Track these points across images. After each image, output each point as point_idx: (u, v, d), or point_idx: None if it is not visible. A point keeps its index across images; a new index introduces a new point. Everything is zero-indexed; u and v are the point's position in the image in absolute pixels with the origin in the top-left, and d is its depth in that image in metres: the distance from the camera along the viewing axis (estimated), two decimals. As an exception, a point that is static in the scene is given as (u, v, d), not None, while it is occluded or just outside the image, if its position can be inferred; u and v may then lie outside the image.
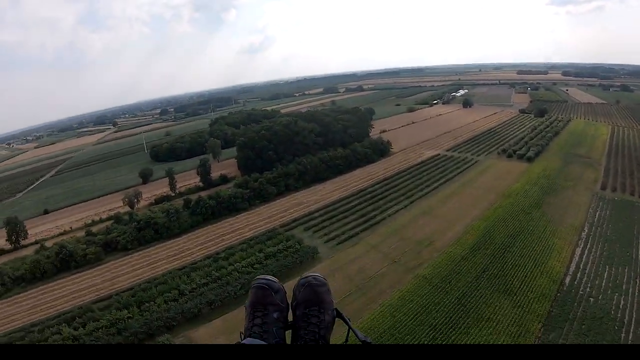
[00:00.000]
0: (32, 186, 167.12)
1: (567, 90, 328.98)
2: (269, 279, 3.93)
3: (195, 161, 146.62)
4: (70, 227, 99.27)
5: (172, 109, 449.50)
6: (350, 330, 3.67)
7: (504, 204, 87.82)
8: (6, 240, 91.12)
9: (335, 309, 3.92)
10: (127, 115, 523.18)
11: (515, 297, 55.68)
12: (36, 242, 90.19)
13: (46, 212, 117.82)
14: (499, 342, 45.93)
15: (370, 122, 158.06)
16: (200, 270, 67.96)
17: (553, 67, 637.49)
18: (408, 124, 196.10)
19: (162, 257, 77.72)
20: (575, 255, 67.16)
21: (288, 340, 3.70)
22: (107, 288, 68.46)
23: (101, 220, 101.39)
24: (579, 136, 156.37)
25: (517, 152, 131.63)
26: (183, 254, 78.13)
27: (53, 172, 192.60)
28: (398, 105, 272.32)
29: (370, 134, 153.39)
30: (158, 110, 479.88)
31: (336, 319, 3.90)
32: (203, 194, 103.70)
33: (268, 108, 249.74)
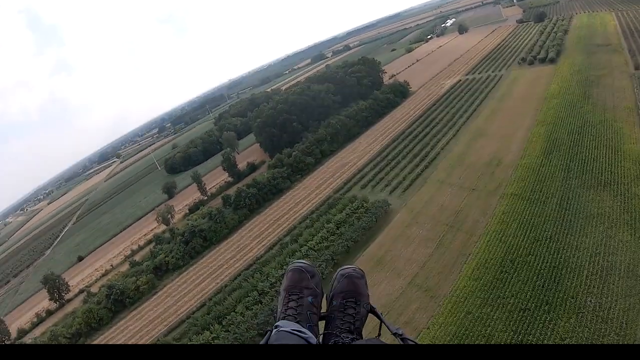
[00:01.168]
0: (58, 239, 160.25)
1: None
2: (305, 263, 3.78)
3: (214, 161, 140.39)
4: (111, 266, 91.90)
5: (168, 124, 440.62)
6: (383, 323, 3.52)
7: (552, 106, 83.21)
8: (49, 299, 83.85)
9: (369, 303, 3.76)
10: (127, 145, 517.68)
11: (612, 187, 51.85)
12: (81, 292, 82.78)
13: (80, 259, 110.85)
14: (619, 233, 43.26)
15: (381, 67, 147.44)
16: (272, 263, 59.73)
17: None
18: (413, 63, 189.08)
19: (221, 263, 69.65)
20: (644, 132, 63.21)
21: (321, 329, 3.59)
22: (175, 314, 60.49)
23: (140, 248, 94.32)
24: (588, 29, 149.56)
25: (537, 57, 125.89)
26: (243, 252, 70.12)
27: (74, 220, 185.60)
28: (394, 50, 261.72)
29: (383, 81, 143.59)
30: (155, 130, 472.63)
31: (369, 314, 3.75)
32: (235, 188, 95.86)
33: (268, 90, 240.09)
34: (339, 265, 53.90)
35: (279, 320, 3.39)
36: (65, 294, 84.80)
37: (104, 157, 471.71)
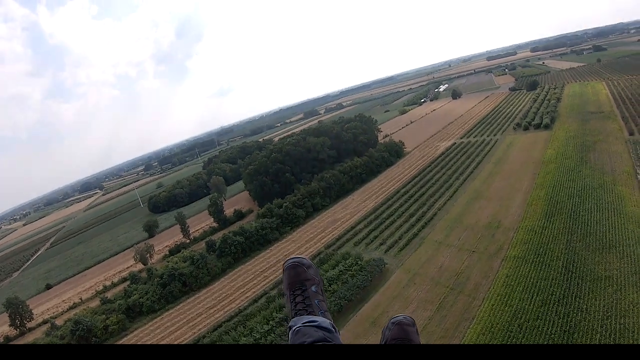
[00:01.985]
0: (28, 262, 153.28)
1: (543, 62, 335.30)
2: (297, 257, 3.77)
3: (199, 205, 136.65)
4: (80, 299, 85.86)
5: (155, 163, 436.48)
6: None
7: (550, 170, 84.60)
8: (9, 325, 78.00)
9: None
10: (111, 178, 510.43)
11: (617, 249, 51.40)
12: (45, 322, 77.23)
13: (49, 287, 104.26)
14: (629, 295, 42.81)
15: (376, 126, 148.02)
16: (257, 317, 55.11)
17: (519, 47, 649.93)
18: (407, 125, 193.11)
19: (200, 311, 64.69)
20: (645, 198, 63.75)
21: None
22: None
23: (114, 285, 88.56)
24: (580, 97, 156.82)
25: (532, 123, 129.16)
26: (224, 302, 65.32)
27: (48, 245, 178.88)
28: (387, 111, 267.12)
29: (378, 139, 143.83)
30: (142, 167, 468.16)
31: None
32: (219, 234, 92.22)
33: (259, 140, 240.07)
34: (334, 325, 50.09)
35: (291, 319, 3.37)
36: (28, 321, 78.92)
37: (86, 187, 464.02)
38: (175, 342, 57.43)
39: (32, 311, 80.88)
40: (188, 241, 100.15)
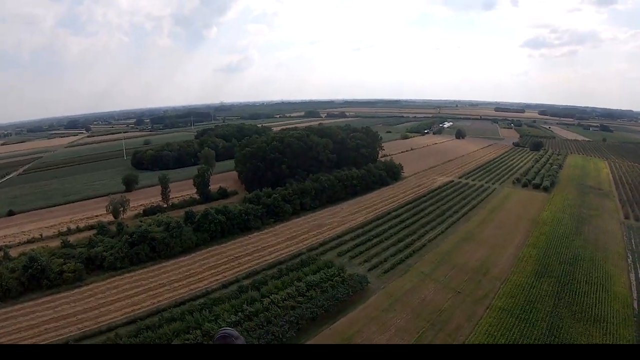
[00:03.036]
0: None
1: (549, 127, 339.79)
2: (229, 329, 3.95)
3: (183, 172, 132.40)
4: (41, 235, 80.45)
5: (147, 120, 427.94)
6: None
7: (544, 232, 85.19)
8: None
9: None
10: (100, 122, 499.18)
11: (601, 324, 52.29)
12: (-2, 249, 71.53)
13: (11, 213, 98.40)
14: None
15: (379, 143, 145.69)
16: (225, 304, 51.32)
17: (528, 106, 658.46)
18: (407, 150, 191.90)
19: (163, 282, 60.74)
20: (632, 280, 65.32)
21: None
22: (93, 320, 51.09)
23: (78, 229, 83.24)
24: (581, 169, 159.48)
25: (532, 182, 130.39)
26: (191, 280, 61.47)
27: (20, 171, 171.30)
28: (389, 132, 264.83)
29: (378, 157, 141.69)
30: (133, 120, 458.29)
31: None
32: (199, 207, 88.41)
33: (258, 124, 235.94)
34: (303, 331, 47.31)
35: None
36: (-19, 244, 72.98)
37: (72, 125, 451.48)
38: (131, 308, 53.56)
39: (-13, 234, 75.58)
40: (165, 206, 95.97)
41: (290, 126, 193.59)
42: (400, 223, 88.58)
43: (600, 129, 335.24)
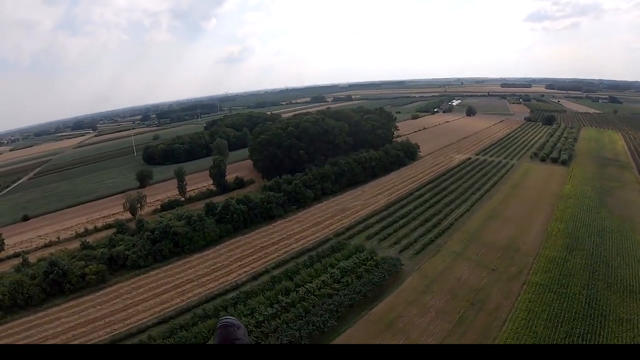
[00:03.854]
0: (8, 189, 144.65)
1: (558, 101, 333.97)
2: (230, 318, 3.98)
3: (196, 164, 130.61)
4: (58, 238, 78.48)
5: (153, 115, 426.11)
6: None
7: (568, 205, 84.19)
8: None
9: None
10: (106, 121, 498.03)
11: (637, 295, 51.58)
12: (16, 256, 69.74)
13: (26, 218, 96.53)
14: None
15: (394, 123, 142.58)
16: (259, 296, 49.34)
17: (533, 81, 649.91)
18: (420, 130, 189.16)
19: (190, 277, 58.88)
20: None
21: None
22: (122, 322, 49.28)
23: (96, 230, 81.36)
24: (596, 142, 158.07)
25: (550, 156, 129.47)
26: (219, 273, 59.57)
27: (31, 175, 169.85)
28: (398, 112, 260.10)
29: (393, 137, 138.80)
30: (139, 116, 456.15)
31: None
32: (217, 199, 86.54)
33: (266, 112, 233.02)
34: (342, 319, 45.40)
35: None
36: (-1, 251, 71.42)
37: (79, 125, 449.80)
38: (160, 307, 51.65)
39: (4, 241, 74.07)
40: (183, 199, 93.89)
41: (302, 111, 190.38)
42: (424, 203, 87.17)
43: (609, 100, 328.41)
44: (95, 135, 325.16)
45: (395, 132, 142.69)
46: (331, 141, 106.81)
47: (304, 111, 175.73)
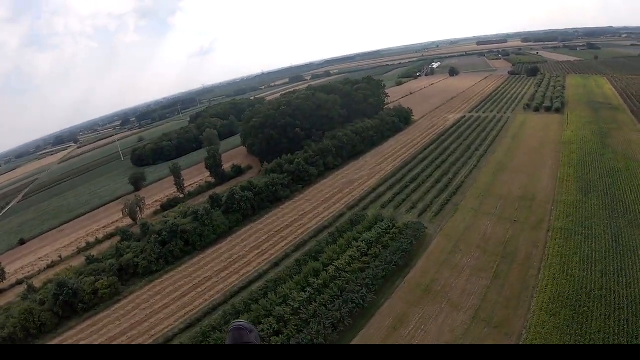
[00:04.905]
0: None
1: (537, 52, 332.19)
2: (242, 321, 3.97)
3: (188, 159, 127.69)
4: (60, 257, 74.56)
5: (133, 118, 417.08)
6: None
7: (573, 150, 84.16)
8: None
9: None
10: (86, 132, 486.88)
11: None
12: (19, 283, 65.87)
13: (22, 242, 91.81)
14: None
15: (383, 90, 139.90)
16: (288, 282, 46.58)
17: (508, 36, 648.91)
18: (407, 95, 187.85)
19: (208, 274, 55.93)
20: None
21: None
22: (146, 333, 46.09)
23: (98, 241, 77.67)
24: (584, 88, 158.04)
25: (542, 105, 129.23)
26: (238, 265, 56.73)
27: (19, 197, 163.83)
28: (381, 80, 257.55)
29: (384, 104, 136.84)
30: (118, 122, 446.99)
31: None
32: (217, 189, 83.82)
33: (250, 97, 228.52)
34: (378, 291, 43.54)
35: None
36: (0, 281, 67.82)
37: (59, 140, 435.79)
38: (183, 311, 48.80)
39: (4, 269, 69.78)
40: (182, 196, 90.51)
41: (290, 90, 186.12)
42: (430, 164, 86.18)
43: (587, 47, 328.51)
44: (78, 147, 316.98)
45: (385, 98, 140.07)
46: (325, 115, 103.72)
47: (291, 89, 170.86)
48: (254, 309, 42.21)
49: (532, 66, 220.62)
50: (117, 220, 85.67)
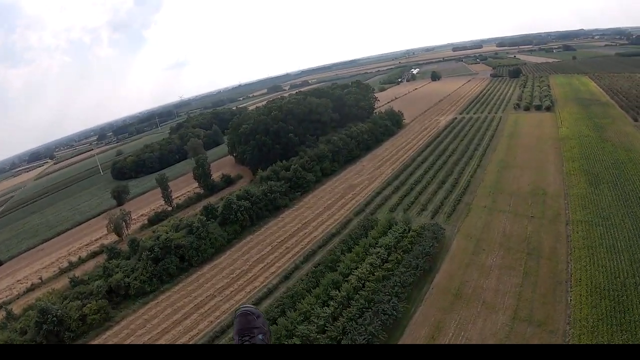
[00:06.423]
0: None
1: (514, 56, 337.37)
2: (249, 306, 3.98)
3: (173, 170, 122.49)
4: (40, 279, 68.13)
5: (110, 133, 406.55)
6: None
7: (573, 145, 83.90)
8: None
9: None
10: (62, 148, 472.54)
11: None
12: (-4, 309, 59.00)
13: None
14: None
15: (373, 94, 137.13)
16: (307, 297, 41.68)
17: (483, 42, 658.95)
18: (393, 100, 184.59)
19: (210, 292, 50.78)
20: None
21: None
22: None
23: (82, 261, 71.53)
24: (570, 87, 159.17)
25: (533, 104, 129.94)
26: (242, 281, 51.70)
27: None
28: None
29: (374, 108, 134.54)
30: (95, 137, 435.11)
31: None
32: (209, 200, 78.96)
33: (232, 108, 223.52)
34: (410, 300, 40.52)
35: None
36: (-25, 309, 60.44)
37: (35, 157, 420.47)
38: (186, 337, 43.63)
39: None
40: (170, 208, 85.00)
41: (276, 97, 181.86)
42: (431, 166, 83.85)
43: (563, 49, 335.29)
44: (55, 163, 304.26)
45: (375, 102, 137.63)
46: (317, 120, 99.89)
47: (277, 97, 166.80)
48: (274, 330, 36.95)
49: (514, 68, 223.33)
50: (101, 237, 79.93)
